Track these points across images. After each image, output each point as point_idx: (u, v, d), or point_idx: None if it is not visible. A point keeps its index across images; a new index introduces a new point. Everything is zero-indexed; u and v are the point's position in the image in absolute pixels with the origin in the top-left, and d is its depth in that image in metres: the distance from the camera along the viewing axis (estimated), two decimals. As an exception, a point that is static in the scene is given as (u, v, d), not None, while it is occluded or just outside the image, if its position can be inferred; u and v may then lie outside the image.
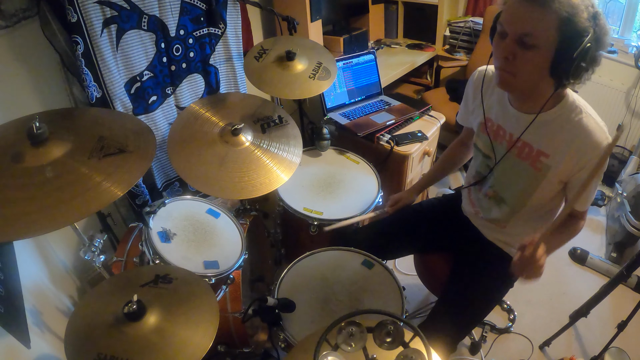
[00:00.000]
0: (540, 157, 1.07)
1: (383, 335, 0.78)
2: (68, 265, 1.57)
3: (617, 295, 1.74)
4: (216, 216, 1.46)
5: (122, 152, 0.99)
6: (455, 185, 2.70)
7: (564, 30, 0.88)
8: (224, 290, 1.34)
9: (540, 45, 0.90)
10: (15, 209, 0.84)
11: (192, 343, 0.90)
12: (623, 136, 2.61)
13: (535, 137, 1.07)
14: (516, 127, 1.10)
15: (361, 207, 1.59)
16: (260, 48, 1.54)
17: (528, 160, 1.10)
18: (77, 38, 1.25)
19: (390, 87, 2.56)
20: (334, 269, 1.30)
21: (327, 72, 1.53)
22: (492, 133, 1.19)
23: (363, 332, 0.78)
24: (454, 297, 1.26)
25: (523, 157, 1.12)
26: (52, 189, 0.88)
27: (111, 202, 0.92)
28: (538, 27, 0.89)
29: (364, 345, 0.78)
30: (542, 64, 0.93)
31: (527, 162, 1.11)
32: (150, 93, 1.57)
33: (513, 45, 0.93)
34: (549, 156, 1.06)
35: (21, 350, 1.05)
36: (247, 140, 1.32)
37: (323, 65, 1.54)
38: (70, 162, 0.93)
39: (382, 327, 0.78)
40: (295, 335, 1.10)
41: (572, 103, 1.02)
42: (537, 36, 0.90)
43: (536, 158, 1.08)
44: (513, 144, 1.12)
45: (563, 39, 0.88)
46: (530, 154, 1.09)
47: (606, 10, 2.72)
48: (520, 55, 0.93)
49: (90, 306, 0.98)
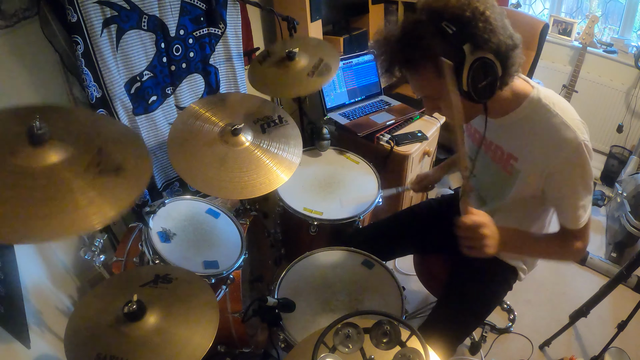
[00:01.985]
0: (510, 160, 1.03)
1: (380, 335, 0.78)
2: (68, 265, 1.57)
3: (617, 295, 1.74)
4: (216, 216, 1.46)
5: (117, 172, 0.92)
6: (456, 185, 2.70)
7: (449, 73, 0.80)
8: (224, 290, 1.34)
9: (442, 94, 0.91)
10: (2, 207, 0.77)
11: (192, 343, 0.90)
12: (623, 136, 2.61)
13: (503, 139, 1.04)
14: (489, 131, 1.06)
15: (361, 207, 1.59)
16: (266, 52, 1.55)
17: (501, 163, 1.07)
18: (77, 38, 1.25)
19: (390, 87, 2.56)
20: (334, 269, 1.30)
21: (327, 68, 1.51)
22: (471, 136, 1.19)
23: (360, 333, 0.78)
24: (454, 299, 1.26)
25: (496, 160, 1.09)
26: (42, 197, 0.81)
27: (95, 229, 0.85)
28: (426, 88, 0.92)
29: (362, 346, 0.78)
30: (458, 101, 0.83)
31: (500, 165, 1.08)
32: (150, 93, 1.57)
33: (430, 102, 0.98)
34: (517, 159, 1.01)
35: (21, 350, 1.05)
36: (247, 140, 1.32)
37: (324, 62, 1.52)
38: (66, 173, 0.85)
39: (379, 328, 0.78)
40: (295, 335, 1.10)
41: (538, 102, 0.95)
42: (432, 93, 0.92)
43: (507, 161, 1.05)
44: (481, 143, 1.10)
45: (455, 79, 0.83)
46: (502, 157, 1.06)
47: (606, 10, 2.72)
48: (442, 105, 0.96)
49: (90, 306, 0.98)
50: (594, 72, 2.60)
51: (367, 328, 0.79)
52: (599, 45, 2.57)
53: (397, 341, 0.77)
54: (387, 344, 0.78)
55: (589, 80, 2.60)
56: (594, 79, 2.59)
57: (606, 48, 2.56)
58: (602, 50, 2.57)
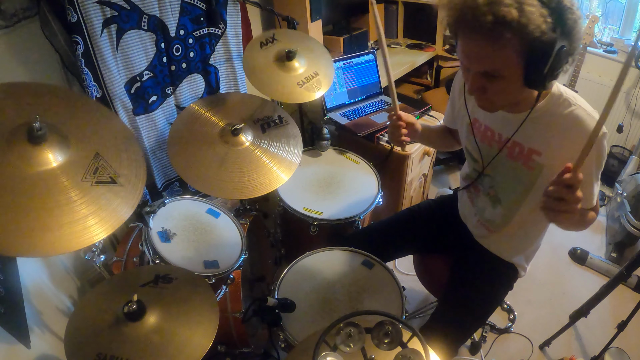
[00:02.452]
0: (532, 155, 1.03)
1: (381, 335, 0.78)
2: (68, 265, 1.57)
3: (617, 295, 1.74)
4: (216, 216, 1.46)
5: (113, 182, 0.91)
6: (455, 185, 2.71)
7: (527, 52, 0.83)
8: (224, 290, 1.34)
9: (506, 74, 0.87)
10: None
11: (192, 343, 0.90)
12: (623, 136, 2.61)
13: (524, 135, 1.03)
14: (505, 127, 1.07)
15: (361, 207, 1.59)
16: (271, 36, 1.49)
17: (520, 160, 1.07)
18: (77, 38, 1.25)
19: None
20: (334, 269, 1.30)
21: (317, 85, 1.48)
22: (480, 134, 1.16)
23: (362, 332, 0.78)
24: (454, 301, 1.25)
25: (514, 158, 1.08)
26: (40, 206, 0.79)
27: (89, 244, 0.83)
28: (497, 62, 0.86)
29: (363, 346, 0.78)
30: (514, 85, 0.89)
31: (520, 162, 1.07)
32: (150, 93, 1.57)
33: (479, 80, 0.91)
34: (541, 154, 1.02)
35: (21, 350, 1.05)
36: (247, 140, 1.32)
37: (317, 77, 1.49)
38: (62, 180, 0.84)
39: (380, 328, 0.78)
40: (295, 335, 1.10)
41: (560, 96, 0.98)
42: (500, 69, 0.87)
43: (528, 157, 1.04)
44: (503, 145, 1.08)
45: (529, 60, 0.84)
46: (522, 154, 1.06)
47: (606, 10, 2.72)
48: (490, 86, 0.91)
49: (90, 306, 0.98)
50: (594, 72, 2.60)
51: (368, 328, 0.79)
52: (599, 45, 2.57)
53: (398, 342, 0.77)
54: (389, 344, 0.78)
55: (589, 80, 2.60)
56: (594, 79, 2.59)
57: (606, 48, 2.56)
58: (602, 50, 2.57)
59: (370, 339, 0.78)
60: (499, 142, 1.10)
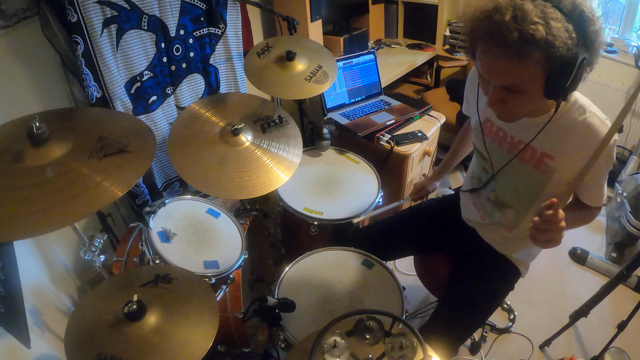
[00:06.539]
0: (545, 159, 1.04)
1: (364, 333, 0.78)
2: (68, 265, 1.57)
3: (617, 295, 1.74)
4: (216, 216, 1.46)
5: (122, 152, 0.99)
6: (456, 185, 2.71)
7: (551, 66, 0.82)
8: (224, 290, 1.34)
9: (528, 88, 0.86)
10: (15, 209, 0.84)
11: (192, 343, 0.90)
12: (623, 136, 2.61)
13: (538, 139, 1.03)
14: (519, 130, 1.07)
15: (361, 207, 1.59)
16: (265, 45, 1.54)
17: (532, 162, 1.07)
18: (77, 38, 1.25)
19: (390, 87, 2.56)
20: (334, 269, 1.30)
21: (325, 76, 1.52)
22: (492, 134, 1.16)
23: (344, 338, 0.77)
24: (455, 300, 1.25)
25: (526, 160, 1.08)
26: (52, 189, 0.88)
27: (111, 202, 0.93)
28: (520, 78, 0.84)
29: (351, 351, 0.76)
30: (535, 97, 0.89)
31: (531, 165, 1.07)
32: (150, 93, 1.57)
33: (500, 93, 0.90)
34: (553, 158, 1.02)
35: (21, 350, 1.05)
36: (247, 140, 1.32)
37: (322, 69, 1.53)
38: (70, 162, 0.93)
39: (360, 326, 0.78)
40: (295, 335, 1.10)
41: (574, 102, 0.99)
42: (522, 83, 0.85)
43: (540, 160, 1.05)
44: (520, 150, 1.07)
45: (551, 73, 0.83)
46: (534, 157, 1.06)
47: (606, 10, 2.72)
48: (511, 99, 0.90)
49: (90, 306, 0.98)
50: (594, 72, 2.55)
51: (349, 331, 0.78)
52: (599, 45, 2.57)
53: (382, 332, 0.76)
54: (374, 337, 0.77)
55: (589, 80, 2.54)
56: (594, 79, 2.59)
57: (606, 48, 2.56)
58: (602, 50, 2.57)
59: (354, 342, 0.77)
60: (510, 144, 1.11)
